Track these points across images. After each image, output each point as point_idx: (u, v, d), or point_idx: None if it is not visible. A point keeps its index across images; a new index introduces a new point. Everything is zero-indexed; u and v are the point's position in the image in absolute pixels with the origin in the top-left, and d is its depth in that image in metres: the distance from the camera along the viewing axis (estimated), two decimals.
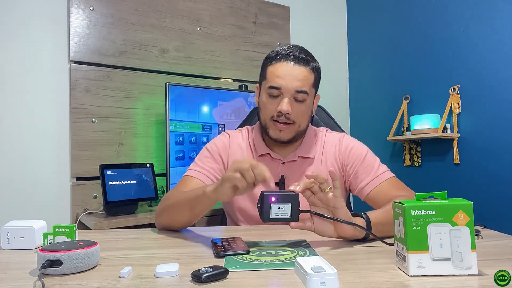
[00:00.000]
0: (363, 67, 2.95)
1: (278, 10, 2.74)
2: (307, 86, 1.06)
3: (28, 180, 1.90)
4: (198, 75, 2.40)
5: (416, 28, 2.50)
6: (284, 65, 1.05)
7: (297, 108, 1.06)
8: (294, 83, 1.04)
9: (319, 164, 1.14)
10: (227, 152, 1.17)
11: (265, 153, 1.14)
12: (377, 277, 0.61)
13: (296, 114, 1.06)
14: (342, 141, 1.16)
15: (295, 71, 1.04)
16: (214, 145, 1.17)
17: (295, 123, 1.07)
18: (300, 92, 1.04)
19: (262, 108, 1.10)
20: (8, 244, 0.84)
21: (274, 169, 1.13)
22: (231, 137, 1.19)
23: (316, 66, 1.10)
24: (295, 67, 1.05)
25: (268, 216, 0.77)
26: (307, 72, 1.06)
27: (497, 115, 2.05)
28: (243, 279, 0.61)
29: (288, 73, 1.04)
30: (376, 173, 1.08)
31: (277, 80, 1.05)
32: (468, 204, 0.62)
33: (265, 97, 1.08)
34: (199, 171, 1.11)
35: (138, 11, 2.20)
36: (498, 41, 2.04)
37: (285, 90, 1.04)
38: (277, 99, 1.06)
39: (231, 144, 1.18)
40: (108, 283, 0.60)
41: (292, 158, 1.13)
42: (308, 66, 1.06)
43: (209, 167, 1.13)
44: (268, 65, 1.09)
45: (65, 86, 2.00)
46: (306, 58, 1.07)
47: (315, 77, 1.09)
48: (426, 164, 2.43)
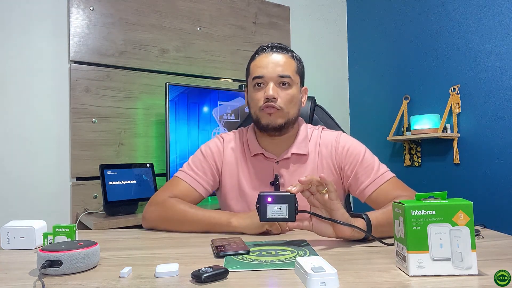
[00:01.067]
0: (363, 67, 2.95)
1: (278, 10, 2.74)
2: (289, 71, 1.08)
3: (28, 180, 1.90)
4: (198, 75, 2.40)
5: (416, 28, 2.50)
6: (264, 56, 1.10)
7: (283, 93, 1.07)
8: (276, 69, 1.07)
9: (314, 163, 1.12)
10: (221, 156, 1.17)
11: (258, 153, 1.14)
12: (377, 277, 0.61)
13: (283, 100, 1.07)
14: (339, 140, 1.14)
15: (276, 58, 1.09)
16: (209, 148, 1.17)
17: (283, 109, 1.07)
18: (283, 77, 1.07)
19: (251, 101, 1.12)
20: (8, 244, 0.84)
21: (268, 169, 1.13)
22: (225, 141, 1.19)
23: (296, 56, 1.14)
24: (275, 55, 1.09)
25: (265, 216, 0.80)
26: (287, 58, 1.10)
27: (497, 115, 2.05)
28: (243, 279, 0.61)
29: (270, 61, 1.08)
30: (376, 174, 1.06)
31: (260, 70, 1.08)
32: (468, 204, 0.62)
33: (251, 90, 1.11)
34: (192, 177, 1.12)
35: (138, 11, 2.20)
36: (498, 41, 2.04)
37: (268, 77, 1.07)
38: (263, 88, 1.08)
39: (225, 149, 1.17)
40: (108, 283, 0.60)
41: (285, 155, 1.12)
42: (288, 54, 1.11)
43: (202, 172, 1.13)
44: (251, 62, 1.14)
45: (65, 86, 2.00)
46: (285, 47, 1.12)
47: (297, 65, 1.12)
48: (426, 164, 2.43)
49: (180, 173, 1.14)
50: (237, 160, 1.15)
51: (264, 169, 1.13)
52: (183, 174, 1.13)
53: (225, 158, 1.16)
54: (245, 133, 1.20)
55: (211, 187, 1.15)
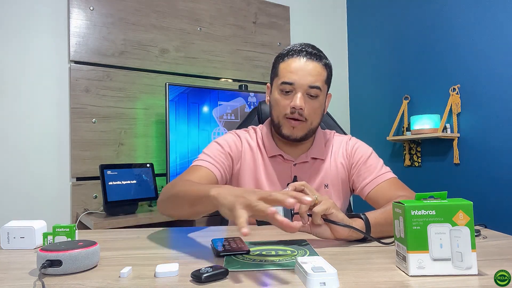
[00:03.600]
0: (363, 67, 2.94)
1: (278, 10, 2.74)
2: (320, 82, 1.04)
3: (28, 180, 1.90)
4: (198, 75, 2.40)
5: (416, 28, 2.50)
6: (297, 61, 1.04)
7: (310, 104, 1.04)
8: (307, 78, 1.02)
9: (329, 166, 1.15)
10: (239, 152, 1.14)
11: (276, 154, 1.12)
12: (377, 277, 0.61)
13: (309, 111, 1.05)
14: (349, 142, 1.18)
15: (308, 66, 1.03)
16: (225, 141, 1.13)
17: (307, 121, 1.06)
18: (313, 88, 1.03)
19: (275, 105, 1.08)
20: (8, 244, 0.84)
21: (286, 170, 1.12)
22: (241, 137, 1.16)
23: (328, 63, 1.09)
24: (308, 62, 1.03)
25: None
26: (320, 68, 1.05)
27: (497, 115, 2.05)
28: (243, 279, 0.61)
29: (301, 68, 1.03)
30: (378, 173, 1.09)
31: (290, 76, 1.03)
32: (468, 204, 0.62)
33: (278, 93, 1.06)
34: (210, 162, 1.06)
35: (138, 11, 2.20)
36: (498, 41, 2.04)
37: (298, 85, 1.03)
38: (290, 95, 1.04)
39: (243, 145, 1.15)
40: (108, 283, 0.60)
41: (304, 159, 1.12)
42: (320, 62, 1.05)
43: (219, 159, 1.08)
44: (280, 62, 1.08)
45: (65, 86, 2.00)
46: (318, 54, 1.06)
47: (328, 74, 1.08)
48: (426, 164, 2.43)
49: (198, 161, 1.07)
50: (255, 159, 1.13)
51: (282, 171, 1.12)
52: (201, 162, 1.06)
53: (243, 154, 1.14)
54: (259, 133, 1.18)
55: (228, 174, 1.11)
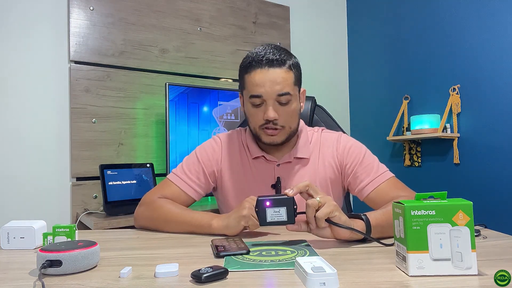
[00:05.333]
0: (363, 67, 2.95)
1: (278, 10, 2.74)
2: (288, 87, 1.02)
3: (28, 180, 1.90)
4: (198, 75, 2.40)
5: (416, 28, 2.50)
6: (259, 72, 1.02)
7: (283, 111, 1.04)
8: (274, 88, 1.01)
9: (315, 165, 1.13)
10: (219, 159, 1.15)
11: (259, 156, 1.13)
12: (377, 277, 0.61)
13: (284, 118, 1.04)
14: (340, 140, 1.15)
15: (272, 75, 1.01)
16: (204, 151, 1.16)
17: (285, 127, 1.06)
18: (282, 95, 1.02)
19: (249, 117, 1.09)
20: (8, 244, 0.84)
21: (269, 171, 1.12)
22: (222, 142, 1.18)
23: (293, 63, 1.06)
24: (271, 71, 1.01)
25: (264, 220, 0.81)
26: (284, 73, 1.02)
27: (497, 115, 2.05)
28: (243, 279, 0.61)
29: (266, 79, 1.01)
30: (376, 173, 1.08)
31: (257, 89, 1.02)
32: (468, 204, 0.62)
33: (249, 106, 1.06)
34: (183, 181, 1.11)
35: (138, 11, 2.20)
36: (498, 41, 2.04)
37: (266, 96, 1.02)
38: (262, 107, 1.04)
39: (223, 150, 1.16)
40: (108, 283, 0.60)
41: (287, 159, 1.12)
42: (284, 66, 1.03)
43: (195, 176, 1.12)
44: (244, 74, 1.06)
45: (65, 86, 2.00)
46: (280, 58, 1.03)
47: (295, 75, 1.05)
48: (426, 164, 2.43)
49: (172, 176, 1.13)
50: (237, 162, 1.15)
51: (265, 172, 1.13)
52: (175, 178, 1.12)
53: (223, 159, 1.15)
54: (243, 134, 1.19)
55: (203, 190, 1.14)
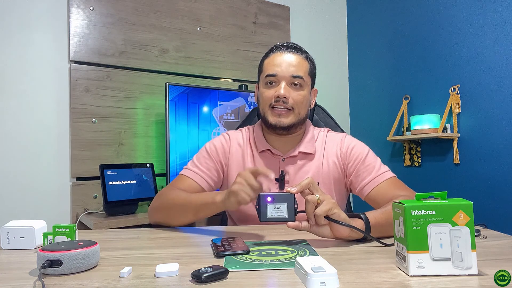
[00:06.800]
0: (363, 67, 2.94)
1: (278, 10, 2.74)
2: (302, 72, 1.09)
3: (28, 180, 1.90)
4: (198, 75, 2.40)
5: (416, 28, 2.50)
6: (279, 54, 1.11)
7: (294, 94, 1.09)
8: (289, 69, 1.08)
9: (319, 162, 1.15)
10: (227, 153, 1.18)
11: (265, 149, 1.15)
12: (377, 277, 0.61)
13: (294, 100, 1.09)
14: (344, 140, 1.18)
15: (290, 58, 1.10)
16: (213, 145, 1.19)
17: (294, 110, 1.09)
18: (296, 77, 1.08)
19: (261, 98, 1.13)
20: (8, 244, 0.84)
21: (274, 165, 1.14)
22: (231, 138, 1.20)
23: (310, 57, 1.15)
24: (289, 55, 1.10)
25: (265, 216, 0.81)
26: (301, 59, 1.11)
27: (497, 115, 2.05)
28: (243, 279, 0.61)
29: (283, 60, 1.09)
30: (377, 172, 1.08)
31: (273, 68, 1.09)
32: (468, 204, 0.62)
33: (263, 87, 1.12)
34: (195, 172, 1.14)
35: (138, 11, 2.20)
36: (498, 41, 2.04)
37: (281, 76, 1.08)
38: (274, 87, 1.10)
39: (231, 145, 1.19)
40: (108, 283, 0.60)
41: (292, 153, 1.14)
42: (302, 54, 1.12)
43: (205, 168, 1.15)
44: (264, 60, 1.15)
45: (65, 86, 2.00)
46: (300, 48, 1.13)
47: (310, 67, 1.13)
48: (426, 164, 2.43)
49: (185, 170, 1.16)
50: (243, 156, 1.17)
51: (270, 165, 1.14)
52: (187, 171, 1.15)
53: (231, 155, 1.17)
54: (251, 130, 1.21)
55: (214, 183, 1.16)
